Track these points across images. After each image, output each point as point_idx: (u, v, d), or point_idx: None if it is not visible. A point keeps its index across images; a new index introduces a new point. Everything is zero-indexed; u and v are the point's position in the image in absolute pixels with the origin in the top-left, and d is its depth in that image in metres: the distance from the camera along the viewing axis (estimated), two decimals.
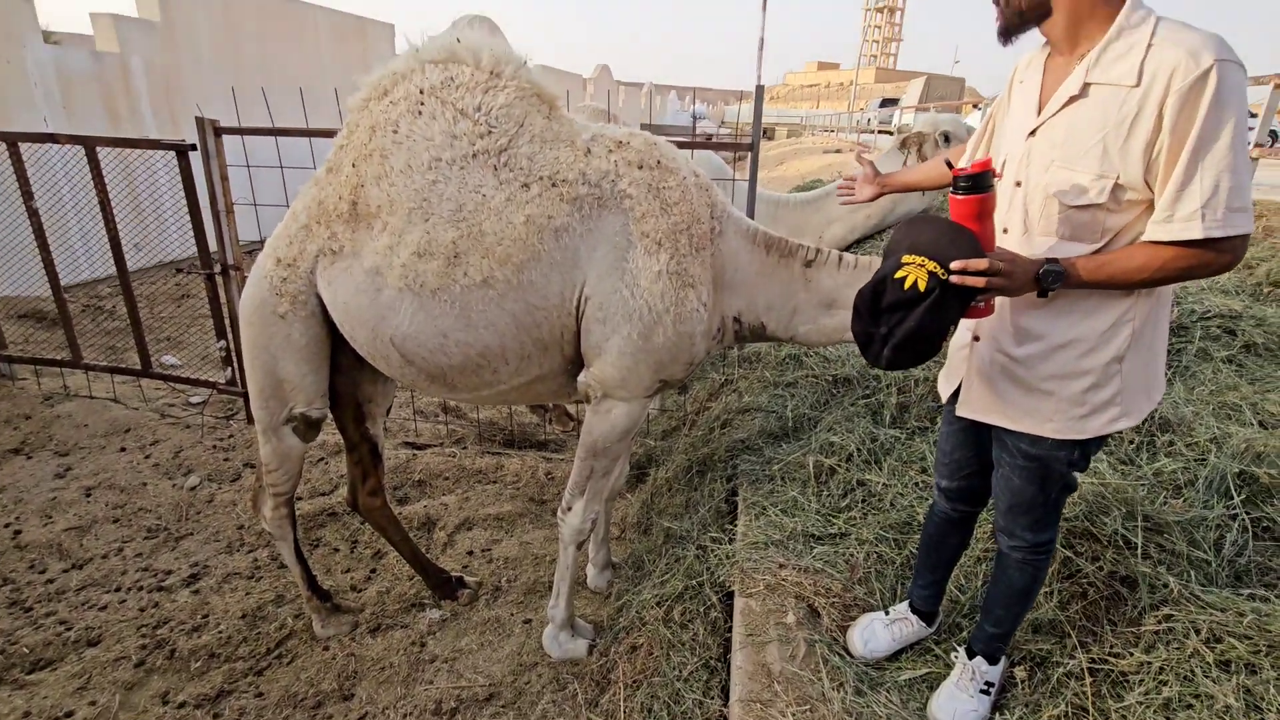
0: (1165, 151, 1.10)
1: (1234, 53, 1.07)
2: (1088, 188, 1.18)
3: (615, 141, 2.02)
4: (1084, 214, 1.20)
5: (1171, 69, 1.08)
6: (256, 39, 8.35)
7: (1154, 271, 1.15)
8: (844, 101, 50.88)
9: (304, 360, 2.16)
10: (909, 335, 1.19)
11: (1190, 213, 1.09)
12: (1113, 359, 1.26)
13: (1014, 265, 1.17)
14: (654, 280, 1.95)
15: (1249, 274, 3.32)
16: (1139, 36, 1.14)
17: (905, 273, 1.17)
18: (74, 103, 6.39)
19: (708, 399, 3.34)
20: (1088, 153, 1.17)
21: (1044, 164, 1.25)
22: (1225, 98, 1.05)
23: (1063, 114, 1.22)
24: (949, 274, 1.15)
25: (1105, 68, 1.16)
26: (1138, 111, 1.11)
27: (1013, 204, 1.31)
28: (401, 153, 1.95)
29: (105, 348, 5.35)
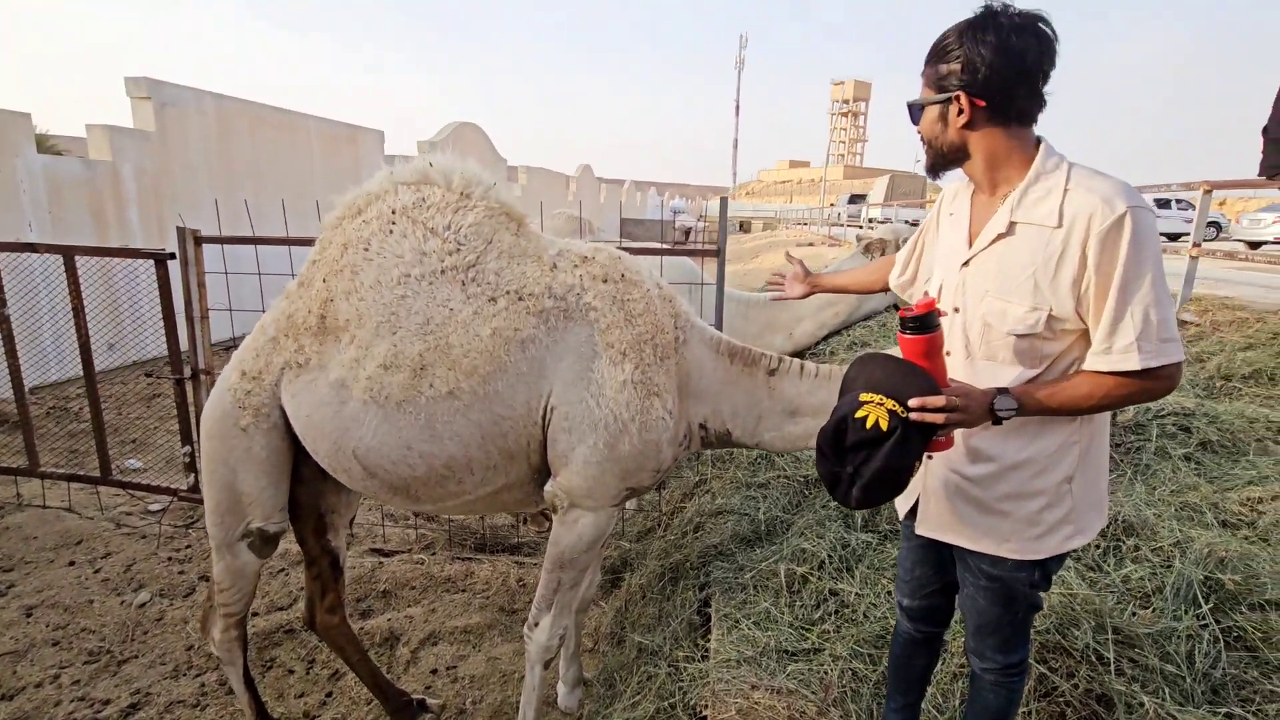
0: (1093, 288, 1.18)
1: (1142, 199, 1.17)
2: (1023, 318, 1.24)
3: (581, 256, 2.10)
4: (1022, 341, 1.26)
5: (1090, 213, 1.16)
6: (249, 147, 8.70)
7: (1099, 399, 1.20)
8: (815, 196, 53.55)
9: (264, 473, 2.12)
10: (877, 475, 1.21)
11: (1126, 345, 1.16)
12: (1063, 479, 1.29)
13: (969, 399, 1.21)
14: (619, 389, 1.98)
15: (1200, 368, 3.43)
16: (1055, 181, 1.22)
17: (865, 412, 1.19)
18: (62, 208, 6.53)
19: (682, 499, 3.30)
20: (1020, 286, 1.24)
21: (979, 294, 1.31)
22: (1142, 239, 1.14)
23: (993, 249, 1.29)
24: (908, 411, 1.18)
25: (1028, 209, 1.24)
26: (1062, 250, 1.19)
27: (953, 329, 1.37)
28: (372, 269, 2.01)
29: (68, 451, 5.21)
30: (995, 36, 1.19)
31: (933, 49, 1.29)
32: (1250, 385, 3.14)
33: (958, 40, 1.23)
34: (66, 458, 5.07)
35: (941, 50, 1.26)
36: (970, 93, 1.23)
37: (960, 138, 1.29)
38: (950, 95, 1.25)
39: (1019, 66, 1.20)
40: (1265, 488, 2.20)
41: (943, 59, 1.26)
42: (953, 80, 1.25)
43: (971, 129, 1.27)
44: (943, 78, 1.26)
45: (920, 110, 1.33)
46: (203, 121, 7.98)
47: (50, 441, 5.31)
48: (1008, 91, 1.22)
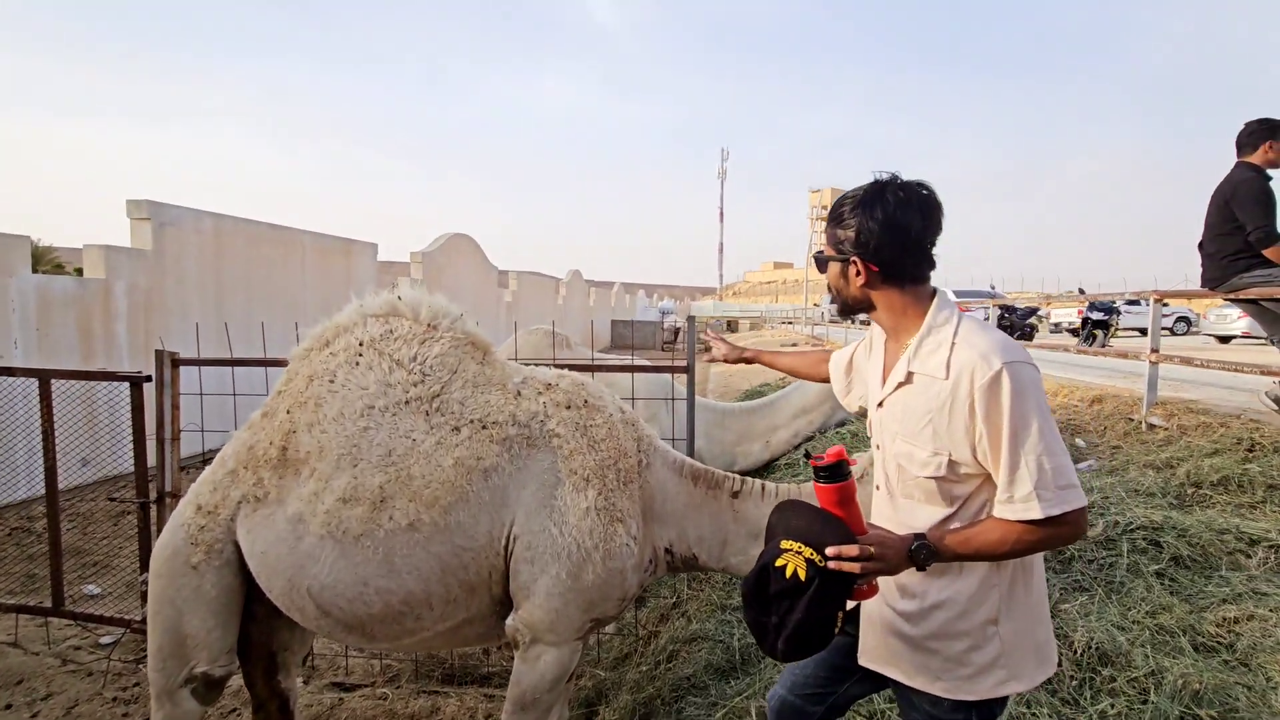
0: (986, 439, 1.23)
1: (1021, 353, 1.25)
2: (927, 462, 1.30)
3: (544, 384, 2.15)
4: (929, 483, 1.31)
5: (971, 368, 1.23)
6: (243, 262, 8.97)
7: (1011, 546, 1.22)
8: (799, 296, 55.15)
9: (212, 614, 2.05)
10: (799, 626, 1.20)
11: (1026, 494, 1.19)
12: (986, 621, 1.30)
13: (885, 547, 1.22)
14: (583, 516, 1.97)
15: (1171, 474, 3.45)
16: (944, 335, 1.31)
17: (785, 560, 1.20)
18: (50, 325, 6.62)
19: (658, 622, 3.18)
20: (921, 432, 1.30)
21: (891, 435, 1.37)
22: (1021, 392, 1.20)
23: (898, 394, 1.37)
24: (826, 560, 1.18)
25: (922, 359, 1.32)
26: (951, 401, 1.26)
27: (877, 464, 1.43)
28: (336, 401, 2.04)
29: (24, 576, 4.99)
30: (882, 212, 1.30)
31: (831, 212, 1.40)
32: (1220, 493, 3.14)
33: (851, 211, 1.34)
34: (22, 583, 4.85)
35: (838, 216, 1.37)
36: (863, 258, 1.33)
37: (861, 294, 1.39)
38: (848, 257, 1.36)
39: (904, 239, 1.31)
40: (1240, 606, 2.16)
41: (839, 224, 1.36)
42: (848, 245, 1.35)
43: (870, 288, 1.37)
44: (839, 241, 1.37)
45: (824, 263, 1.43)
46: (199, 240, 8.27)
47: (8, 565, 5.10)
48: (897, 259, 1.33)
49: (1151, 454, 3.81)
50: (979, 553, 1.24)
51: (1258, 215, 3.82)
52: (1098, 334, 12.64)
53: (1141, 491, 3.14)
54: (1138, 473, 3.51)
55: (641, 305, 42.73)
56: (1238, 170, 3.98)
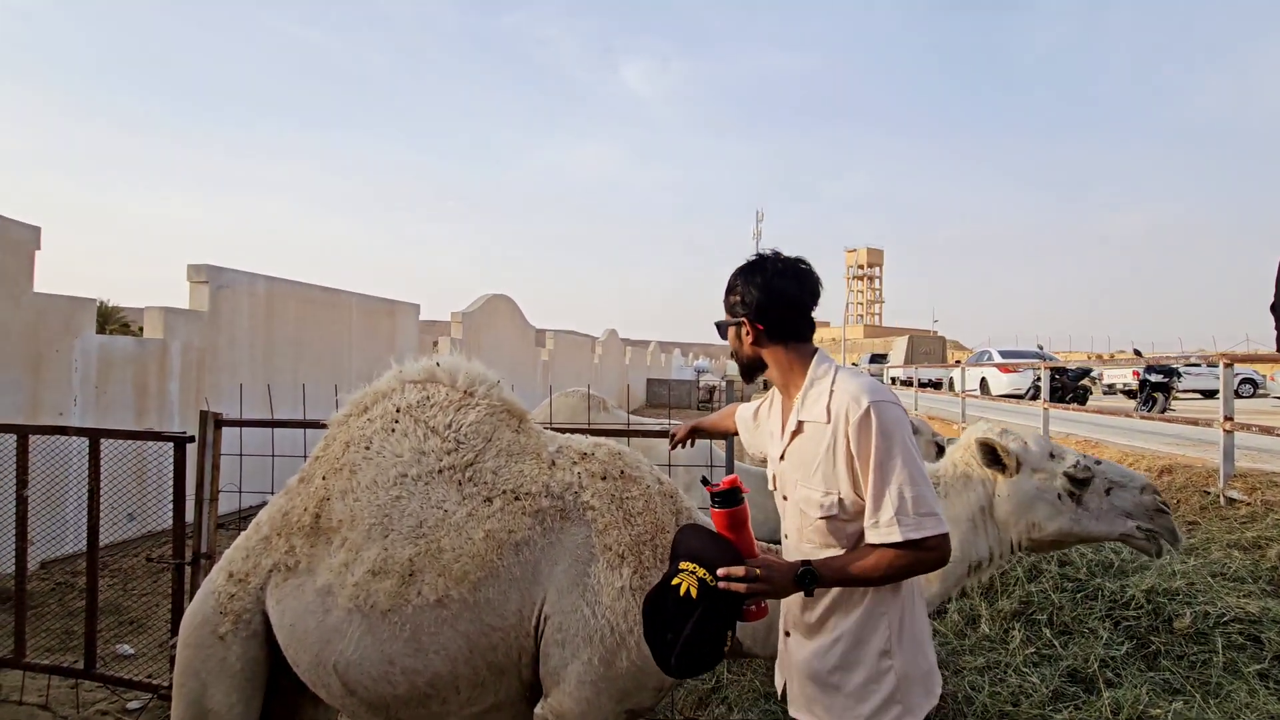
0: (859, 472, 1.39)
1: (887, 394, 1.43)
2: (821, 502, 1.45)
3: (580, 453, 2.08)
4: (828, 523, 1.45)
5: (845, 409, 1.40)
6: (293, 323, 9.29)
7: (884, 570, 1.36)
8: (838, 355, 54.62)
9: (235, 689, 1.98)
10: (689, 642, 1.31)
11: (889, 520, 1.35)
12: (880, 652, 1.42)
13: (771, 570, 1.35)
14: (616, 597, 1.86)
15: (1260, 556, 3.15)
16: (825, 385, 1.48)
17: (680, 580, 1.32)
18: (108, 384, 6.89)
19: (695, 707, 2.97)
20: (814, 474, 1.46)
21: (792, 483, 1.53)
22: (886, 428, 1.37)
23: (794, 443, 1.53)
24: (716, 580, 1.30)
25: (808, 408, 1.49)
26: (833, 442, 1.42)
27: (786, 514, 1.58)
28: (370, 468, 2.00)
29: (62, 633, 5.02)
30: (762, 278, 1.52)
31: (728, 282, 1.60)
32: None
33: (738, 279, 1.56)
34: (61, 640, 4.87)
35: (730, 285, 1.58)
36: (750, 319, 1.54)
37: (753, 352, 1.58)
38: (739, 320, 1.56)
39: (783, 301, 1.51)
40: None
41: (731, 291, 1.58)
42: (738, 308, 1.56)
43: (759, 346, 1.56)
44: (732, 306, 1.58)
45: (724, 329, 1.63)
46: (253, 301, 8.61)
47: (48, 621, 5.14)
48: (779, 319, 1.53)
49: (1235, 532, 3.50)
50: (857, 576, 1.37)
51: None
52: (1157, 397, 12.04)
53: (1229, 576, 2.86)
54: (1221, 553, 3.22)
55: (677, 364, 42.73)
56: None
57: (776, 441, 1.60)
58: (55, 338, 6.40)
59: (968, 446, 2.13)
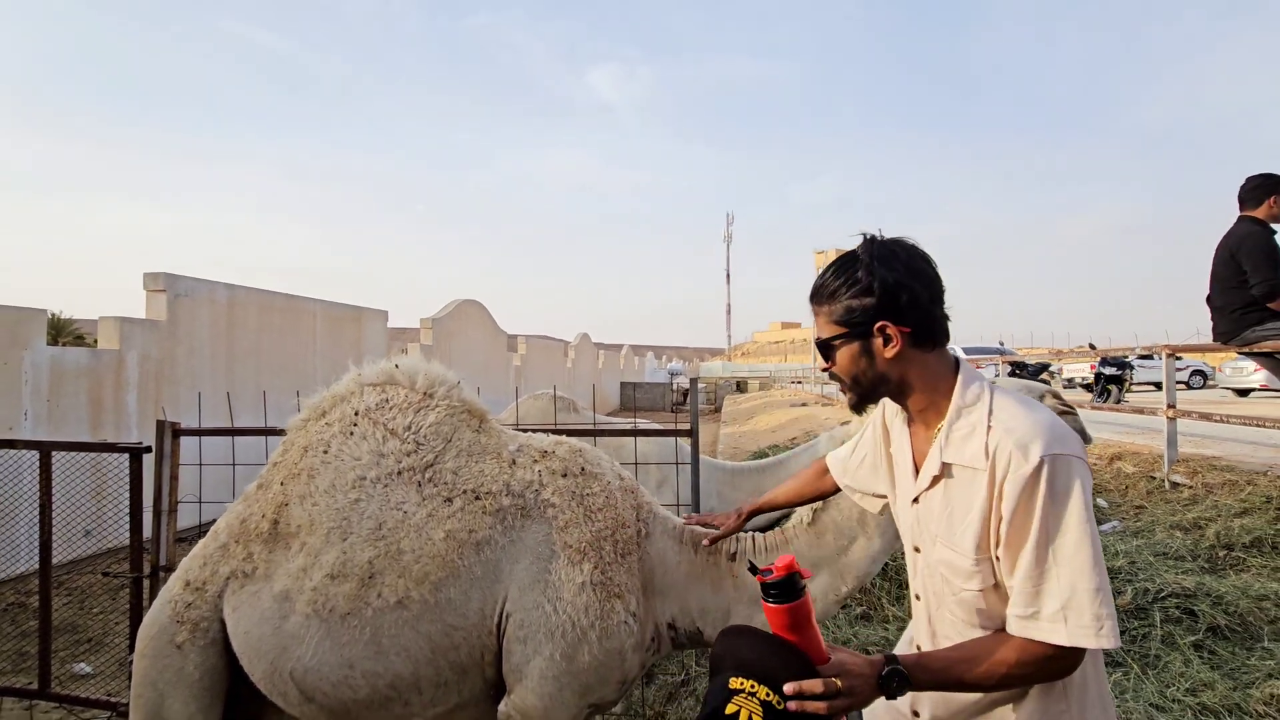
0: (1005, 541, 1.07)
1: (1068, 441, 1.06)
2: (970, 572, 1.12)
3: (540, 451, 2.10)
4: (976, 597, 1.13)
5: (1008, 458, 1.06)
6: (255, 331, 9.11)
7: (1001, 675, 1.06)
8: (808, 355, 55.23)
9: (193, 698, 1.95)
10: None
11: (1053, 613, 1.03)
12: None
13: (851, 678, 1.05)
14: (577, 593, 1.88)
15: (1200, 536, 3.30)
16: (977, 416, 1.13)
17: (736, 706, 1.02)
18: (60, 396, 6.68)
19: (665, 702, 3.00)
20: (963, 533, 1.12)
21: (931, 538, 1.19)
22: (1061, 490, 1.03)
23: (934, 491, 1.18)
24: (783, 701, 1.02)
25: (956, 448, 1.14)
26: (989, 495, 1.08)
27: (917, 570, 1.24)
28: (328, 472, 2.00)
29: (16, 654, 4.86)
30: (902, 264, 1.14)
31: (828, 286, 1.21)
32: (1253, 555, 2.99)
33: (866, 272, 1.15)
34: (14, 661, 4.72)
35: (846, 283, 1.18)
36: (895, 321, 1.15)
37: (892, 370, 1.18)
38: (870, 328, 1.16)
39: (932, 288, 1.16)
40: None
41: (849, 293, 1.17)
42: (868, 313, 1.16)
43: (903, 359, 1.17)
44: (853, 313, 1.17)
45: (833, 348, 1.21)
46: (213, 310, 8.43)
47: (1, 642, 4.97)
48: (929, 313, 1.16)
49: (1177, 514, 3.67)
50: (961, 682, 1.07)
51: (1263, 269, 3.82)
52: (1111, 389, 12.47)
53: (1170, 555, 3.00)
54: (1164, 534, 3.37)
55: (650, 367, 42.86)
56: (1241, 224, 3.99)
57: (907, 482, 1.25)
58: (3, 350, 6.19)
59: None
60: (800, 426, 11.45)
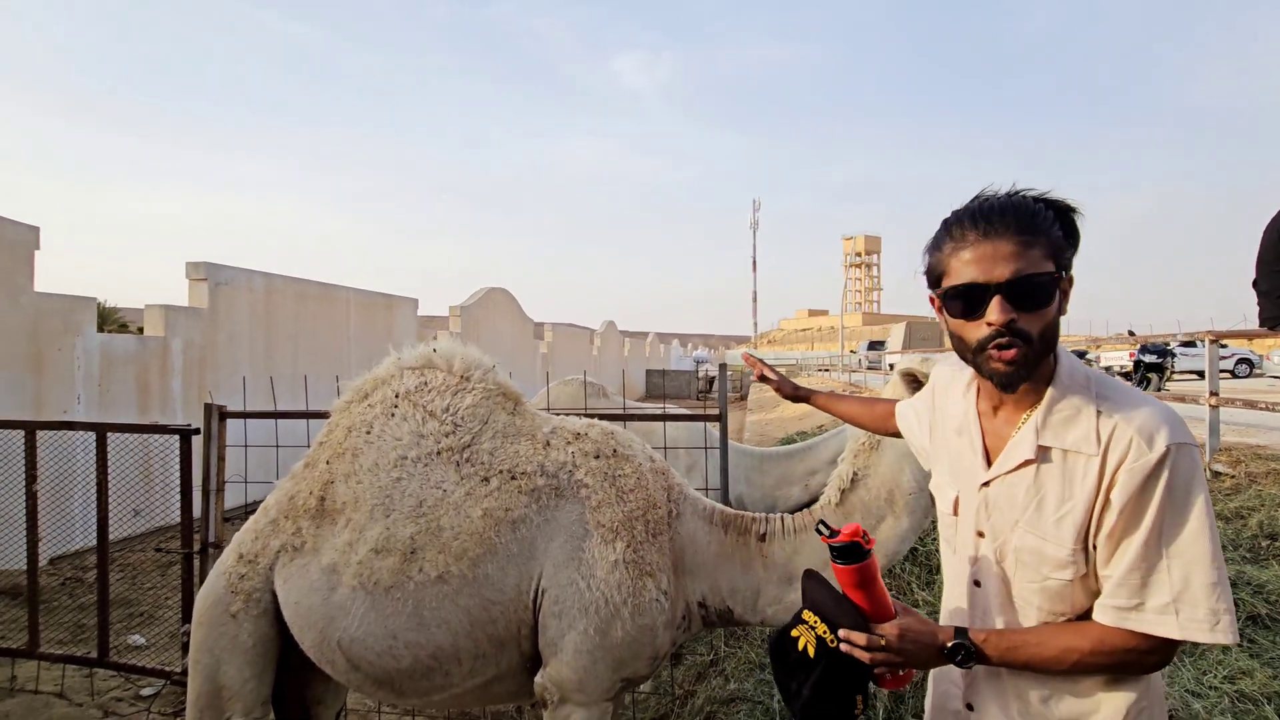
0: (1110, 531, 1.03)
1: (1187, 430, 1.03)
2: (1064, 562, 1.07)
3: (573, 433, 2.15)
4: (1063, 587, 1.09)
5: (1126, 444, 1.01)
6: (291, 319, 9.35)
7: (1074, 661, 1.04)
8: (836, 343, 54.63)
9: (248, 664, 2.06)
10: (810, 703, 1.15)
11: (1162, 605, 0.99)
12: None
13: (905, 640, 1.08)
14: (610, 570, 1.93)
15: (1242, 526, 3.24)
16: (1083, 399, 1.07)
17: (798, 632, 1.16)
18: (111, 381, 6.96)
19: (694, 681, 3.06)
20: (1059, 523, 1.07)
21: (1009, 523, 1.13)
22: (1184, 480, 1.00)
23: (1019, 475, 1.11)
24: (838, 641, 1.12)
25: (1056, 431, 1.08)
26: (1099, 483, 1.04)
27: (980, 555, 1.18)
28: (371, 451, 2.07)
29: (74, 625, 5.11)
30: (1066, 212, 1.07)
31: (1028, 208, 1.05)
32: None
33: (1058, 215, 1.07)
34: (72, 633, 4.96)
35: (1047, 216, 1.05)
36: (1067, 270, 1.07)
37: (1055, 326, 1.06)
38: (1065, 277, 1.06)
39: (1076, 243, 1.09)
40: None
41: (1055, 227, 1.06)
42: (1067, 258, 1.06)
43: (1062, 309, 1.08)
44: (1061, 251, 1.05)
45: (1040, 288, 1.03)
46: (251, 298, 8.67)
47: (59, 615, 5.23)
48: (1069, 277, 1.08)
49: (1219, 503, 3.59)
50: (1029, 663, 1.06)
51: None
52: (1152, 378, 12.14)
53: None
54: None
55: (676, 354, 42.82)
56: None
57: (976, 464, 1.18)
58: (56, 337, 6.46)
59: (895, 382, 2.02)
60: (828, 414, 11.37)
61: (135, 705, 3.68)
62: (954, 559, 1.25)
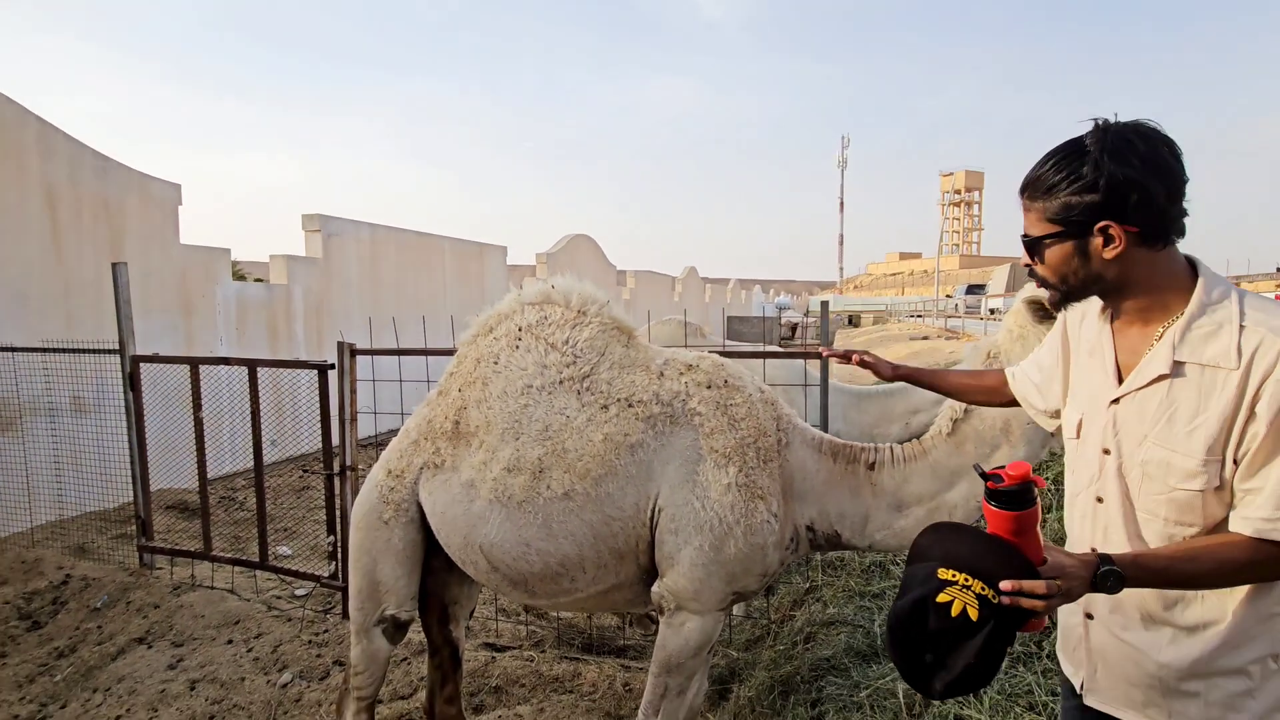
0: (1260, 445, 1.04)
1: None
2: (1193, 473, 1.09)
3: (685, 365, 2.25)
4: (1193, 497, 1.11)
5: (1275, 358, 1.03)
6: (395, 267, 9.90)
7: (1229, 576, 1.07)
8: (930, 288, 51.90)
9: (399, 564, 2.34)
10: (967, 671, 1.06)
11: None
12: (1268, 655, 1.10)
13: (1069, 578, 1.05)
14: (724, 492, 2.05)
15: None
16: (1225, 314, 1.09)
17: (949, 596, 1.05)
18: (245, 325, 7.68)
19: (791, 607, 3.20)
20: (1189, 436, 1.09)
21: (1137, 438, 1.16)
22: None
23: (1152, 390, 1.14)
24: (999, 596, 1.02)
25: (1194, 346, 1.10)
26: (1239, 395, 1.05)
27: (1104, 472, 1.21)
28: (500, 380, 2.25)
29: (231, 537, 5.85)
30: (1139, 157, 1.08)
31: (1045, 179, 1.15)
32: None
33: (1093, 166, 1.09)
34: (231, 543, 5.68)
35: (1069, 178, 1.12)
36: (1121, 221, 1.09)
37: (1110, 271, 1.14)
38: (1090, 227, 1.12)
39: (1171, 183, 1.09)
40: None
41: (1070, 189, 1.12)
42: (1090, 211, 1.11)
43: (1122, 260, 1.13)
44: (1071, 210, 1.13)
45: (1041, 247, 1.18)
46: (359, 248, 9.23)
47: (219, 528, 5.98)
48: (1163, 212, 1.10)
49: None
50: (1182, 582, 1.09)
51: None
52: None
53: None
54: None
55: (758, 301, 42.08)
56: None
57: (1107, 382, 1.21)
58: (200, 284, 7.17)
59: (1018, 311, 2.00)
60: (922, 360, 11.01)
61: (292, 603, 4.23)
62: (1073, 480, 1.30)
